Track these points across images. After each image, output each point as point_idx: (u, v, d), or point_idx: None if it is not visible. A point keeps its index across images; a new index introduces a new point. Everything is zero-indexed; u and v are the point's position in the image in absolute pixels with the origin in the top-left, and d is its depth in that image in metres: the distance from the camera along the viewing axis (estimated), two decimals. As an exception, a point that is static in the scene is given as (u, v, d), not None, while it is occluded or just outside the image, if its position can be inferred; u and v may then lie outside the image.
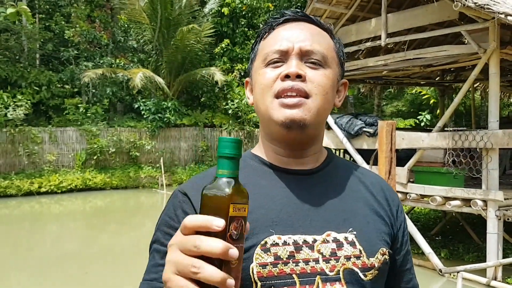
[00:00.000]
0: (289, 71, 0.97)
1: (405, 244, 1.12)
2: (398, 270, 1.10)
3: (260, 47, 1.07)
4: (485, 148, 6.27)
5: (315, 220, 0.98)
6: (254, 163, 1.07)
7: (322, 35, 1.05)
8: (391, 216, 1.07)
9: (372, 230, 1.01)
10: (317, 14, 8.39)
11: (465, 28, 6.69)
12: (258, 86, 1.03)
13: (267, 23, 1.08)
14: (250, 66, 1.11)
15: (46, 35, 19.84)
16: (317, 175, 1.05)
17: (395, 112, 22.79)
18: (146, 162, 18.98)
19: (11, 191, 15.34)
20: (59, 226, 12.21)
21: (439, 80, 11.62)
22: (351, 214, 1.01)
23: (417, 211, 11.31)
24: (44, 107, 18.99)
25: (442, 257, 7.64)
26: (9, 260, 8.40)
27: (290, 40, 1.01)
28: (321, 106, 0.99)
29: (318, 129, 1.05)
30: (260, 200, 0.97)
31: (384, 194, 1.09)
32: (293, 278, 0.92)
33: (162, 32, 19.35)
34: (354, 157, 7.98)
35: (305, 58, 1.00)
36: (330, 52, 1.04)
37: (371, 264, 0.97)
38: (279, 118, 0.97)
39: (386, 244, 1.02)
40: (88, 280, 7.17)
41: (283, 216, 0.96)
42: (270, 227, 0.94)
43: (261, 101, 1.02)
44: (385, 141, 3.10)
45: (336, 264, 0.94)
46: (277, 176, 1.03)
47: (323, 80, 1.00)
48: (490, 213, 6.32)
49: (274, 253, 0.92)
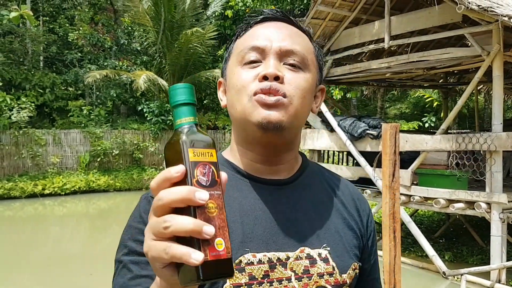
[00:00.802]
0: (267, 72, 0.91)
1: (373, 254, 1.09)
2: (366, 279, 1.07)
3: (235, 45, 1.01)
4: (489, 150, 6.26)
5: (288, 235, 0.94)
6: (227, 169, 0.99)
7: (302, 36, 1.00)
8: (362, 227, 1.05)
9: (344, 245, 0.98)
10: (320, 17, 8.41)
11: (468, 30, 6.69)
12: (233, 87, 0.96)
13: (245, 21, 1.02)
14: (224, 66, 1.04)
15: (50, 38, 19.91)
16: (291, 185, 1.00)
17: (398, 115, 22.73)
18: (149, 164, 19.00)
19: (15, 193, 15.38)
20: (63, 228, 12.23)
21: (443, 83, 11.61)
22: (324, 229, 0.97)
23: (421, 214, 11.29)
24: (48, 109, 19.04)
25: (446, 259, 7.62)
26: (13, 261, 8.42)
27: (268, 38, 0.95)
28: (299, 109, 0.94)
29: (295, 134, 0.99)
30: (233, 214, 0.92)
31: (355, 204, 1.07)
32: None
33: (166, 34, 19.38)
34: (357, 159, 7.98)
35: (284, 59, 0.95)
36: (310, 55, 0.99)
37: (343, 281, 0.95)
38: (255, 118, 0.91)
39: (356, 258, 1.00)
40: (92, 282, 7.18)
41: (258, 231, 0.92)
42: (244, 244, 0.90)
43: (236, 102, 0.95)
44: (389, 144, 3.10)
45: (308, 282, 0.92)
46: (250, 187, 0.98)
47: (302, 83, 0.94)
48: (494, 215, 6.30)
49: (249, 273, 0.89)
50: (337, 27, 8.71)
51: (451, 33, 7.21)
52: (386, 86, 11.96)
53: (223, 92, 1.04)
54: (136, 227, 0.93)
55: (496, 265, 6.25)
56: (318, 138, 8.93)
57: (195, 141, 0.63)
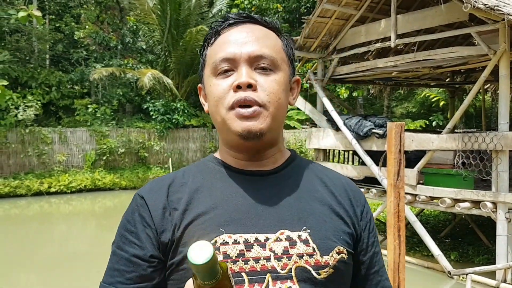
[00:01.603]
0: (240, 82, 0.97)
1: (371, 245, 1.09)
2: (366, 272, 1.08)
3: (208, 54, 1.06)
4: (495, 150, 6.23)
5: (268, 219, 0.98)
6: (214, 165, 1.08)
7: (269, 36, 1.05)
8: (354, 216, 1.06)
9: (328, 229, 1.00)
10: (326, 15, 8.39)
11: (475, 29, 6.66)
12: (212, 97, 1.03)
13: (212, 27, 1.07)
14: (200, 73, 1.11)
15: (56, 36, 20.00)
16: (274, 176, 1.05)
17: (405, 114, 22.66)
18: (154, 162, 19.05)
19: (21, 191, 15.46)
20: (69, 226, 12.29)
21: (449, 82, 11.56)
22: (306, 213, 1.00)
23: (427, 213, 11.26)
24: (54, 107, 19.13)
25: (452, 259, 7.59)
26: (19, 259, 8.46)
27: (237, 46, 1.00)
28: (275, 113, 1.00)
29: (276, 134, 1.05)
30: (214, 201, 0.99)
31: (348, 195, 1.08)
32: (242, 276, 0.92)
33: (172, 33, 19.42)
34: (363, 158, 7.96)
35: (255, 64, 1.00)
36: (279, 54, 1.04)
37: (325, 262, 0.96)
38: (236, 130, 0.98)
39: (345, 243, 1.01)
40: (97, 280, 7.21)
41: (236, 215, 0.97)
42: (221, 226, 0.95)
43: (216, 113, 1.02)
44: (394, 143, 3.09)
45: (288, 262, 0.94)
46: (232, 178, 1.04)
47: (274, 87, 1.00)
48: (499, 215, 6.27)
49: (223, 252, 0.93)
50: (343, 26, 8.69)
51: (457, 32, 7.17)
52: (392, 85, 11.92)
53: (203, 97, 1.11)
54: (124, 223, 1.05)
55: (501, 265, 6.22)
56: (324, 137, 8.92)
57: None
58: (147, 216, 1.00)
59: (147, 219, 1.00)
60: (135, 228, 1.01)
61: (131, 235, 1.01)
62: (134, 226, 1.01)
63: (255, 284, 0.92)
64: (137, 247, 0.99)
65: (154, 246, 0.98)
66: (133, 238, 1.00)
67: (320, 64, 9.34)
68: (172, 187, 1.04)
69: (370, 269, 1.09)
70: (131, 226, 1.01)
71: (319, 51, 9.17)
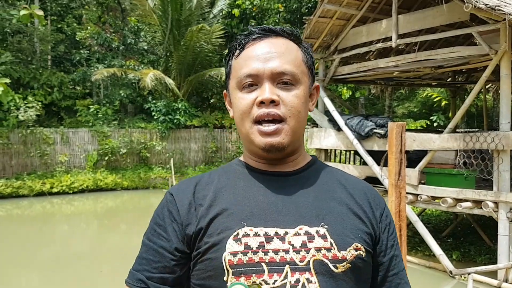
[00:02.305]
0: (263, 98, 1.05)
1: (391, 248, 1.13)
2: (385, 274, 1.11)
3: (233, 66, 1.14)
4: (496, 149, 6.24)
5: (288, 215, 1.04)
6: (238, 167, 1.17)
7: (290, 50, 1.11)
8: (373, 217, 1.11)
9: (346, 226, 1.05)
10: (327, 15, 8.40)
11: (476, 29, 6.66)
12: (237, 110, 1.11)
13: (237, 40, 1.14)
14: (227, 81, 1.18)
15: (58, 37, 20.03)
16: (294, 177, 1.13)
17: (406, 114, 22.63)
18: (156, 163, 19.06)
19: (23, 192, 15.49)
20: (71, 226, 12.31)
21: (451, 81, 11.56)
22: (324, 211, 1.06)
23: (428, 213, 11.26)
24: (56, 108, 19.16)
25: (454, 259, 7.60)
26: (21, 259, 8.49)
27: (260, 62, 1.07)
28: (296, 126, 1.08)
29: (297, 144, 1.13)
30: (236, 198, 1.08)
31: (367, 198, 1.13)
32: (262, 266, 0.98)
33: (173, 33, 19.43)
34: (364, 158, 7.97)
35: (277, 80, 1.07)
36: (300, 67, 1.10)
37: (342, 257, 1.00)
38: (259, 144, 1.07)
39: (363, 241, 1.05)
40: (102, 279, 7.23)
41: (257, 211, 1.05)
42: (243, 220, 1.03)
43: (241, 125, 1.11)
44: (395, 143, 3.10)
45: (306, 255, 0.99)
46: (255, 178, 1.12)
47: (295, 102, 1.07)
48: (501, 214, 6.28)
49: (245, 243, 0.99)
50: (345, 26, 8.70)
51: (458, 32, 7.17)
52: (393, 85, 11.93)
53: (229, 103, 1.19)
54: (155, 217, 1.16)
55: (503, 264, 6.22)
56: (325, 137, 8.93)
57: None
58: (175, 211, 1.10)
59: (174, 214, 1.10)
60: (163, 222, 1.11)
61: (159, 228, 1.11)
62: (162, 220, 1.11)
63: (274, 274, 0.97)
64: (164, 239, 1.09)
65: (179, 239, 1.07)
66: (161, 231, 1.10)
67: (321, 64, 9.35)
68: (198, 186, 1.13)
69: (389, 271, 1.12)
70: (160, 220, 1.11)
71: (321, 51, 9.18)
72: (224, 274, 0.98)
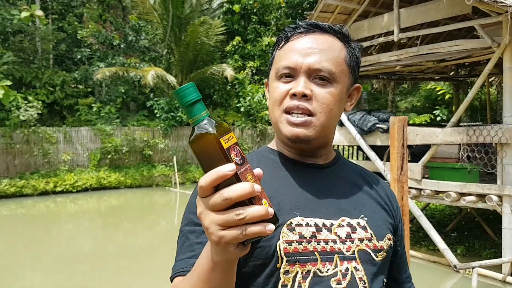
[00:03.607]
0: (296, 91, 1.06)
1: (402, 237, 1.24)
2: (399, 261, 1.23)
3: (276, 56, 1.16)
4: (500, 143, 6.21)
5: (330, 207, 1.09)
6: (273, 156, 1.18)
7: (333, 48, 1.11)
8: (393, 209, 1.20)
9: (378, 218, 1.13)
10: (328, 10, 8.36)
11: (478, 22, 6.61)
12: (271, 98, 1.14)
13: (284, 32, 1.16)
14: (269, 70, 1.21)
15: (59, 36, 20.03)
16: (328, 170, 1.17)
17: (409, 108, 22.58)
18: (159, 160, 19.08)
19: (27, 191, 15.54)
20: (75, 225, 12.34)
21: (454, 75, 11.51)
22: (360, 204, 1.13)
23: (432, 208, 11.23)
24: (58, 107, 19.18)
25: (458, 253, 7.58)
26: (26, 258, 8.51)
27: (299, 56, 1.08)
28: (325, 122, 1.09)
29: (325, 139, 1.15)
30: (280, 187, 1.09)
31: (385, 191, 1.22)
32: (315, 255, 1.02)
33: (174, 30, 19.42)
34: (367, 153, 7.95)
35: (313, 75, 1.08)
36: (340, 66, 1.10)
37: (381, 247, 1.09)
38: (286, 133, 1.09)
39: (390, 232, 1.14)
40: (108, 277, 7.24)
41: (303, 201, 1.08)
42: (294, 209, 1.05)
43: (272, 113, 1.14)
44: (397, 137, 3.08)
45: (351, 245, 1.05)
46: (292, 168, 1.14)
47: (328, 98, 1.08)
48: (505, 208, 6.25)
49: (299, 232, 1.02)
50: (346, 20, 8.65)
51: (461, 25, 7.13)
52: (396, 79, 11.89)
53: (268, 91, 1.20)
54: (194, 202, 1.04)
55: (507, 258, 6.20)
56: (328, 132, 8.90)
57: (219, 130, 0.72)
58: None
59: None
60: None
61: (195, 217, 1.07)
62: None
63: (326, 263, 1.02)
64: None
65: None
66: None
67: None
68: None
69: (401, 257, 1.24)
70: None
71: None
72: (276, 261, 1.00)
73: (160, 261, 7.80)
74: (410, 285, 1.28)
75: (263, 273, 1.00)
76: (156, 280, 6.45)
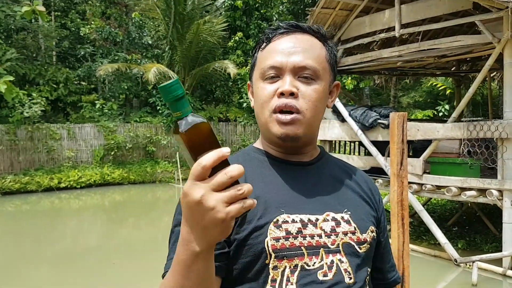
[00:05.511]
0: (284, 89, 1.09)
1: (384, 228, 1.29)
2: (382, 251, 1.27)
3: (259, 58, 1.19)
4: (500, 138, 6.25)
5: (315, 203, 1.13)
6: (259, 155, 1.22)
7: (314, 47, 1.16)
8: (375, 202, 1.25)
9: (362, 212, 1.18)
10: (330, 6, 8.39)
11: (479, 17, 6.64)
12: (258, 99, 1.16)
13: (265, 33, 1.20)
14: (251, 72, 1.24)
15: (62, 33, 20.09)
16: (312, 167, 1.21)
17: (411, 103, 22.58)
18: (162, 157, 19.17)
19: (31, 187, 15.66)
20: (80, 220, 12.44)
21: (455, 70, 11.53)
22: (344, 199, 1.17)
23: (434, 202, 11.28)
24: (62, 104, 19.26)
25: (459, 248, 7.63)
26: (31, 254, 8.60)
27: (284, 56, 1.12)
28: (311, 118, 1.13)
29: (311, 136, 1.19)
30: (267, 186, 1.13)
31: (367, 185, 1.27)
32: (302, 250, 1.06)
33: (176, 27, 19.43)
34: (369, 149, 7.99)
35: (298, 73, 1.12)
36: (322, 64, 1.15)
37: (364, 239, 1.13)
38: (276, 133, 1.12)
39: (373, 224, 1.20)
40: (110, 273, 7.32)
41: (289, 199, 1.11)
42: (280, 207, 1.09)
43: (260, 114, 1.16)
44: (397, 132, 3.13)
45: (336, 239, 1.10)
46: (278, 167, 1.18)
47: (313, 95, 1.12)
48: (505, 202, 6.30)
49: (285, 229, 1.06)
50: (348, 16, 8.69)
51: (461, 21, 7.16)
52: (398, 74, 11.92)
53: (251, 93, 1.24)
54: None
55: (508, 252, 6.26)
56: (329, 128, 8.96)
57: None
58: None
59: None
60: None
61: None
62: None
63: (312, 256, 1.06)
64: None
65: None
66: None
67: (325, 55, 9.33)
68: None
69: (385, 248, 1.29)
70: None
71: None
72: (265, 258, 1.04)
73: (163, 255, 7.85)
74: (395, 273, 1.33)
75: (253, 270, 1.04)
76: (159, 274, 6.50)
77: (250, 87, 1.25)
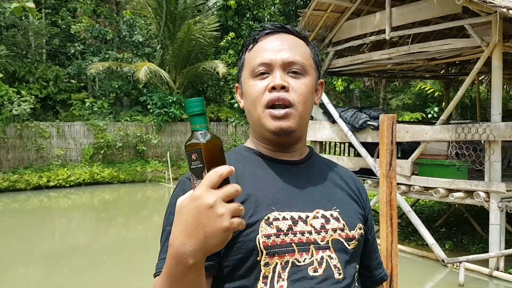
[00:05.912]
0: (275, 83, 1.13)
1: (371, 226, 1.34)
2: (369, 249, 1.31)
3: (246, 58, 1.23)
4: (488, 140, 6.34)
5: (305, 200, 1.16)
6: (249, 154, 1.25)
7: (300, 45, 1.21)
8: (362, 201, 1.29)
9: (350, 210, 1.22)
10: (321, 8, 8.45)
11: (468, 21, 6.73)
12: (249, 96, 1.19)
13: (250, 35, 1.24)
14: (239, 74, 1.28)
15: (53, 31, 19.98)
16: (302, 165, 1.24)
17: (401, 106, 22.76)
18: (152, 156, 19.13)
19: (20, 185, 15.56)
20: (68, 219, 12.38)
21: (444, 73, 11.65)
22: (333, 197, 1.21)
23: (422, 203, 11.39)
24: (51, 102, 19.16)
25: (446, 248, 7.72)
26: (19, 253, 8.56)
27: (272, 53, 1.16)
28: (303, 112, 1.17)
29: (303, 131, 1.23)
30: (258, 184, 1.16)
31: (355, 184, 1.31)
32: (293, 246, 1.09)
33: (168, 26, 19.42)
34: (358, 150, 8.06)
35: (287, 69, 1.16)
36: (308, 60, 1.21)
37: (352, 236, 1.17)
38: (270, 128, 1.15)
39: (361, 222, 1.23)
40: (98, 272, 7.31)
41: (280, 197, 1.14)
42: (271, 205, 1.12)
43: (253, 110, 1.19)
44: (386, 134, 3.18)
45: (325, 236, 1.13)
46: (269, 165, 1.21)
47: (303, 89, 1.17)
48: (492, 204, 6.39)
49: (276, 226, 1.09)
50: (339, 19, 8.76)
51: (451, 24, 7.26)
52: (387, 77, 12.01)
53: (240, 95, 1.28)
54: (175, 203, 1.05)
55: (494, 253, 6.34)
56: (320, 129, 9.01)
57: None
58: None
59: None
60: None
61: None
62: None
63: (303, 253, 1.09)
64: None
65: None
66: None
67: (316, 57, 9.38)
68: None
69: (372, 245, 1.32)
70: None
71: (315, 44, 9.24)
72: (256, 255, 1.06)
73: (153, 255, 7.85)
74: (381, 271, 1.36)
75: (244, 266, 1.06)
76: (149, 273, 6.52)
77: (239, 89, 1.28)
